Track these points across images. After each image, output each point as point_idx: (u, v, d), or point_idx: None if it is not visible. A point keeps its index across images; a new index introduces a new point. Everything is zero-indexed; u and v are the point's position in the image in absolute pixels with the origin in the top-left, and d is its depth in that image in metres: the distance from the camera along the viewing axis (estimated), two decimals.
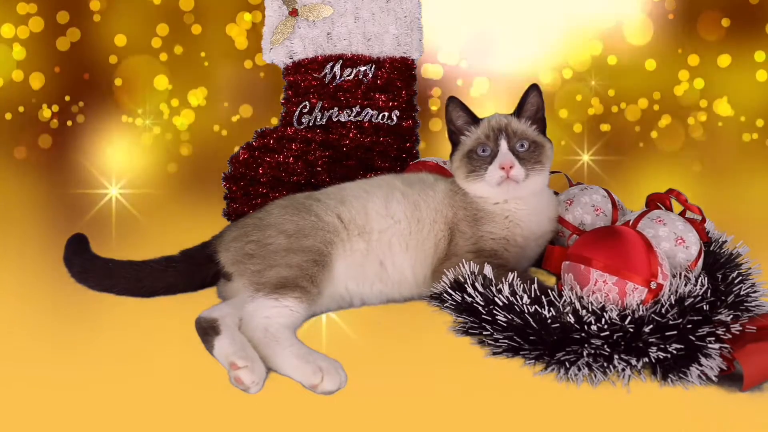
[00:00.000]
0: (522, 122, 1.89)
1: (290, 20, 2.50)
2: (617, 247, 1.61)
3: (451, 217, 1.91)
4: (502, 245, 1.88)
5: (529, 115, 1.90)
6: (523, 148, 1.86)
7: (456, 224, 1.90)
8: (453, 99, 1.92)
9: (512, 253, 1.89)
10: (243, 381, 1.44)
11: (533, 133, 1.89)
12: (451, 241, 1.90)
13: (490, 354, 1.57)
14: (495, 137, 1.86)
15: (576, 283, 1.64)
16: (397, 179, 2.01)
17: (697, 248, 1.80)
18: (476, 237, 1.88)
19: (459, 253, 1.87)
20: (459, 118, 1.92)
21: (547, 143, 1.91)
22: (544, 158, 1.88)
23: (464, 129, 1.93)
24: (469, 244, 1.88)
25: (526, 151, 1.85)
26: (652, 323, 1.50)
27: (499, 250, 1.87)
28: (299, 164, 2.52)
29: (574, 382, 1.47)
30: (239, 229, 1.88)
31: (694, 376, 1.45)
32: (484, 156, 1.86)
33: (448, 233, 1.91)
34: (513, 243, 1.89)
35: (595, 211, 1.99)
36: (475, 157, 1.87)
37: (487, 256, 1.85)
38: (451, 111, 1.93)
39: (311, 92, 2.53)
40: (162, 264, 1.90)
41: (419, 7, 2.51)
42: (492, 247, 1.87)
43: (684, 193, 2.00)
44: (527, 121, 1.90)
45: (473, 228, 1.89)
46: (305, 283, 1.69)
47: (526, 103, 1.90)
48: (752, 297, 1.67)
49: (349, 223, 1.86)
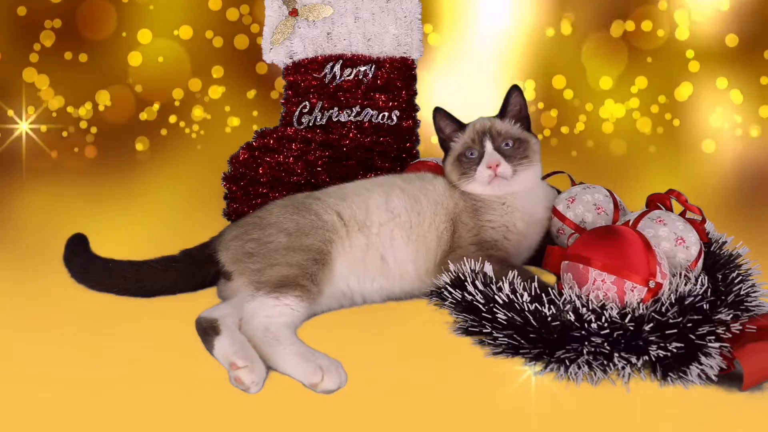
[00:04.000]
0: (506, 122, 2.01)
1: (290, 20, 2.50)
2: (616, 246, 1.62)
3: (452, 208, 1.96)
4: (502, 233, 1.93)
5: (513, 115, 2.02)
6: (508, 147, 1.96)
7: (458, 215, 1.95)
8: (439, 110, 2.05)
9: (512, 241, 1.95)
10: (243, 381, 1.44)
11: (517, 131, 2.00)
12: (454, 233, 1.94)
13: (490, 354, 1.58)
14: (480, 140, 1.97)
15: (575, 283, 1.65)
16: (396, 177, 2.07)
17: (697, 248, 1.80)
18: (477, 227, 1.92)
19: (462, 245, 1.90)
20: (446, 126, 2.05)
21: (531, 138, 2.01)
22: (530, 153, 1.98)
23: (452, 136, 2.04)
24: (471, 235, 1.92)
25: (512, 149, 1.96)
26: (652, 322, 1.50)
27: (499, 240, 1.92)
28: (299, 164, 2.52)
29: (574, 381, 1.47)
30: (239, 228, 1.89)
31: (694, 375, 1.45)
32: (472, 158, 1.97)
33: (451, 225, 1.95)
34: (513, 230, 1.95)
35: (597, 210, 1.99)
36: (464, 160, 1.98)
37: (489, 247, 1.89)
38: (438, 121, 2.05)
39: (311, 92, 2.53)
40: (162, 264, 1.90)
41: (419, 7, 2.51)
42: (492, 236, 1.92)
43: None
44: (511, 121, 2.01)
45: (474, 219, 1.94)
46: (306, 282, 1.70)
47: (508, 104, 2.02)
48: (752, 297, 1.67)
49: (349, 219, 1.87)
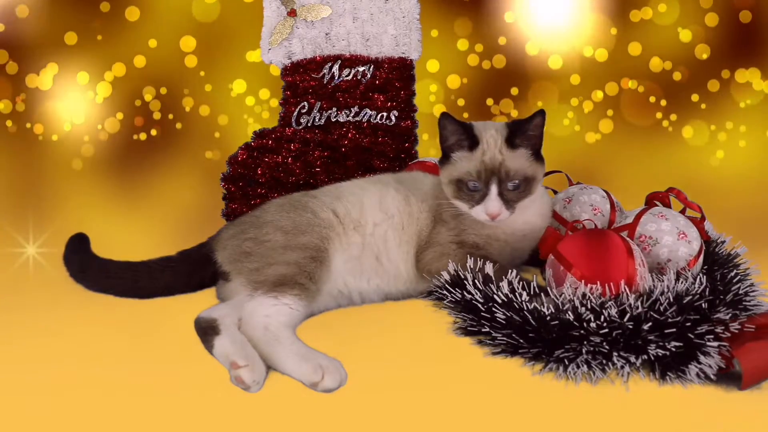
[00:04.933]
0: (518, 155, 1.80)
1: (289, 20, 2.50)
2: (599, 255, 1.66)
3: (435, 207, 1.91)
4: (484, 240, 1.87)
5: (528, 141, 1.80)
6: (513, 186, 1.79)
7: (439, 213, 1.91)
8: (445, 115, 1.81)
9: (495, 247, 1.87)
10: (244, 380, 1.44)
11: (527, 167, 1.80)
12: (433, 228, 1.90)
13: (489, 354, 1.58)
14: (486, 178, 1.78)
15: (552, 280, 1.72)
16: (390, 177, 2.03)
17: (698, 243, 1.81)
18: (459, 229, 1.88)
19: (442, 242, 1.88)
20: (452, 134, 1.83)
21: (539, 171, 1.83)
22: (534, 188, 1.82)
23: (458, 145, 1.83)
24: (452, 234, 1.88)
25: (516, 192, 1.79)
26: (651, 321, 1.51)
27: (481, 244, 1.87)
28: (298, 164, 2.52)
29: (573, 380, 1.47)
30: (236, 227, 1.88)
31: (693, 375, 1.45)
32: (472, 191, 1.80)
33: (431, 221, 1.91)
34: (496, 239, 1.87)
35: (593, 211, 1.99)
36: (464, 189, 1.81)
37: (470, 248, 1.86)
38: (444, 129, 1.83)
39: (310, 93, 2.53)
40: (160, 265, 1.90)
41: (418, 8, 2.51)
42: (474, 241, 1.87)
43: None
44: (525, 150, 1.80)
45: (455, 220, 1.89)
46: (304, 280, 1.69)
47: (529, 128, 1.79)
48: (751, 296, 1.67)
49: (344, 217, 1.87)
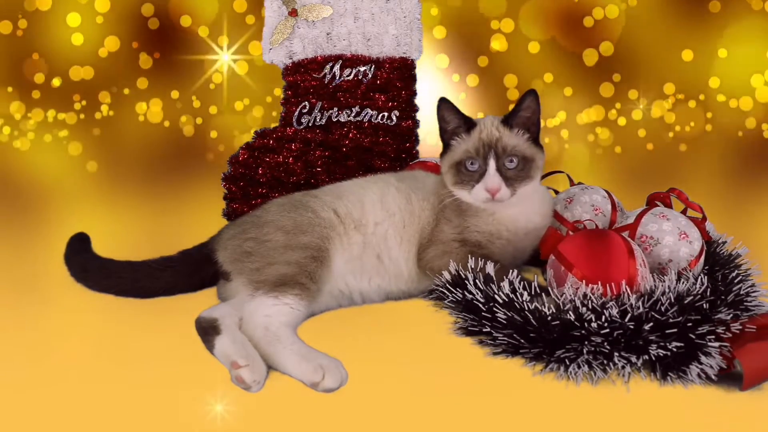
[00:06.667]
0: (514, 133, 1.82)
1: (290, 20, 2.50)
2: (600, 256, 1.66)
3: (438, 205, 1.91)
4: (486, 238, 1.87)
5: (522, 122, 1.82)
6: (512, 165, 1.80)
7: (442, 210, 1.90)
8: (444, 101, 1.84)
9: (497, 245, 1.87)
10: (245, 380, 1.44)
11: (524, 146, 1.82)
12: (436, 226, 1.90)
13: (490, 354, 1.58)
14: (484, 154, 1.80)
15: (553, 280, 1.71)
16: (391, 176, 2.04)
17: (700, 244, 1.81)
18: (461, 227, 1.88)
19: (445, 240, 1.87)
20: (451, 121, 1.86)
21: (538, 154, 1.84)
22: (533, 172, 1.82)
23: (456, 132, 1.86)
24: (455, 232, 1.88)
25: (515, 170, 1.80)
26: (652, 321, 1.50)
27: (483, 242, 1.87)
28: (299, 164, 2.52)
29: (574, 381, 1.46)
30: (237, 227, 1.88)
31: (694, 375, 1.45)
32: (472, 171, 1.81)
33: (434, 220, 1.91)
34: (498, 236, 1.87)
35: (594, 211, 1.99)
36: (463, 170, 1.82)
37: (473, 246, 1.86)
38: (442, 112, 1.85)
39: (311, 92, 2.53)
40: (160, 264, 1.90)
41: (419, 8, 2.51)
42: (477, 239, 1.87)
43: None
44: (520, 131, 1.83)
45: (459, 217, 1.88)
46: (304, 280, 1.69)
47: (520, 108, 1.82)
48: (752, 296, 1.67)
49: (345, 216, 1.87)
